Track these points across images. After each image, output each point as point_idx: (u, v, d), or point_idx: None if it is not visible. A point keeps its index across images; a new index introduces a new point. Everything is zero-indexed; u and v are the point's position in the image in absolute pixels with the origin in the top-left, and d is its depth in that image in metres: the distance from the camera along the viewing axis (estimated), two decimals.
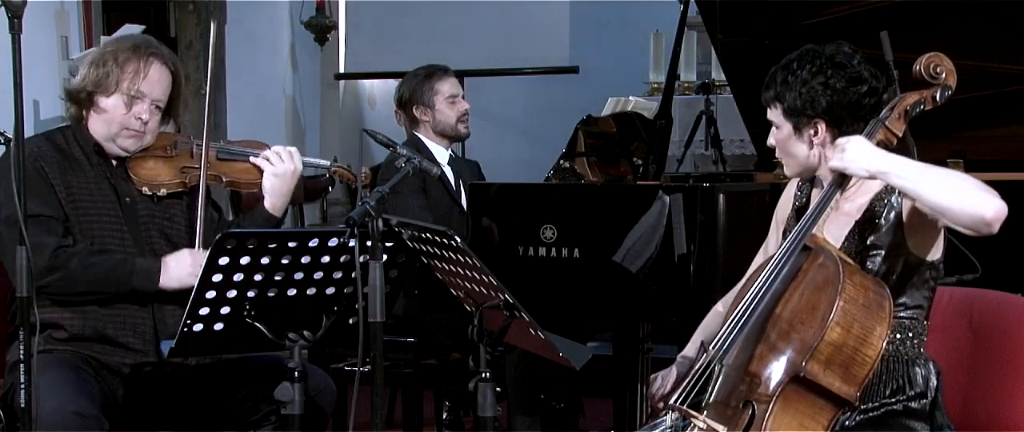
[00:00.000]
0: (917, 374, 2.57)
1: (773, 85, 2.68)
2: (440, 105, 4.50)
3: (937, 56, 2.60)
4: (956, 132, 3.92)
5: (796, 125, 2.65)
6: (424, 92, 4.50)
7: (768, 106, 2.71)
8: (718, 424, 2.46)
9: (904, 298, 2.57)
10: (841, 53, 2.64)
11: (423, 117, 4.51)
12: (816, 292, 2.47)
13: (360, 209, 2.61)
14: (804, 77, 2.62)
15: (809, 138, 2.65)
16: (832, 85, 2.60)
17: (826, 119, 2.62)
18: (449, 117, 4.51)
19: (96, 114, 3.15)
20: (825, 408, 2.45)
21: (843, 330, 2.42)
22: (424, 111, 4.51)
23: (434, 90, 4.49)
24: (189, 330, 2.75)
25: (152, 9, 7.43)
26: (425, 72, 4.55)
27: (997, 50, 3.81)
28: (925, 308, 2.61)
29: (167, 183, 3.20)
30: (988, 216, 2.34)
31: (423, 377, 4.35)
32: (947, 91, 2.60)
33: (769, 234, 2.93)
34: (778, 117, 2.68)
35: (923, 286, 2.59)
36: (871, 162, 2.43)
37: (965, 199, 2.35)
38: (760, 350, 2.49)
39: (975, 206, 2.34)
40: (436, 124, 4.51)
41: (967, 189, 2.36)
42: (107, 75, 3.12)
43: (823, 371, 2.42)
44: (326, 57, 8.49)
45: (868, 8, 3.89)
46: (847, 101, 2.60)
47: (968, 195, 2.35)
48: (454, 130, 4.53)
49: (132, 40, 3.23)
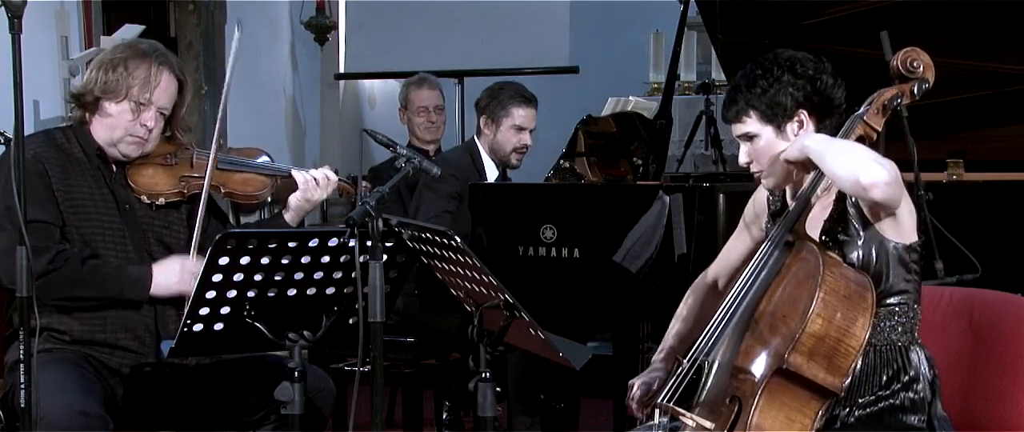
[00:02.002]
0: (912, 359, 2.57)
1: (738, 99, 2.66)
2: (504, 128, 4.57)
3: (914, 50, 2.62)
4: (956, 132, 3.92)
5: (778, 125, 2.64)
6: (497, 109, 4.57)
7: (736, 122, 2.68)
8: (706, 421, 2.47)
9: (887, 284, 2.58)
10: (789, 56, 2.66)
11: (486, 129, 4.61)
12: (798, 285, 2.49)
13: (360, 209, 2.61)
14: (771, 79, 2.63)
15: (793, 133, 2.64)
16: (802, 74, 2.63)
17: (807, 108, 2.63)
18: (507, 142, 4.58)
19: (101, 118, 3.15)
20: (811, 400, 2.46)
21: (825, 321, 2.43)
22: (489, 125, 4.59)
23: (508, 111, 4.56)
24: (189, 330, 2.75)
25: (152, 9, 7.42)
26: (512, 91, 4.61)
27: (997, 50, 3.80)
28: (912, 293, 2.61)
29: (166, 192, 3.20)
30: (864, 180, 2.41)
31: (423, 377, 4.35)
32: (924, 85, 2.63)
33: (740, 227, 2.92)
34: (754, 126, 2.66)
35: (906, 271, 2.59)
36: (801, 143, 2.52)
37: (849, 164, 2.43)
38: (745, 345, 2.51)
39: (855, 170, 2.41)
40: (494, 142, 4.59)
41: (855, 158, 2.44)
42: (117, 82, 3.11)
43: (806, 363, 2.43)
44: (326, 57, 8.49)
45: (868, 8, 3.89)
46: (820, 89, 2.63)
47: (853, 162, 2.43)
48: (506, 157, 4.61)
49: (141, 46, 3.22)
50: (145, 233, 3.18)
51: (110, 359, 3.09)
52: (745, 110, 2.66)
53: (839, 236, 2.59)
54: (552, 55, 7.93)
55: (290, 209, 3.33)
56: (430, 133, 5.23)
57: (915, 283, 2.62)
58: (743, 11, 4.16)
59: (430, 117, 5.22)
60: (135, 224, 3.17)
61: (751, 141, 2.68)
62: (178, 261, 3.11)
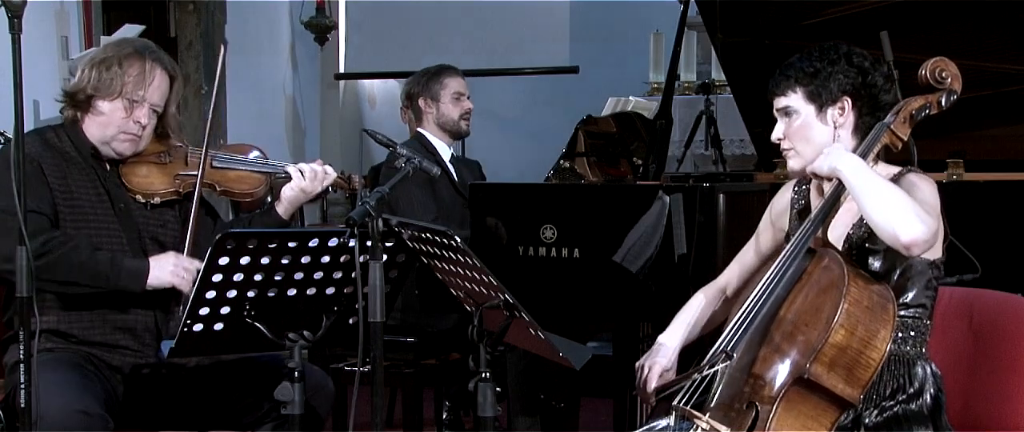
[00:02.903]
0: (916, 373, 2.57)
1: (789, 74, 2.69)
2: (445, 100, 4.66)
3: (942, 61, 2.61)
4: (956, 132, 3.91)
5: (820, 106, 2.66)
6: (432, 86, 4.67)
7: (782, 95, 2.70)
8: (721, 425, 2.46)
9: (905, 297, 2.58)
10: (850, 48, 2.69)
11: (427, 109, 4.67)
12: (820, 294, 2.48)
13: (360, 209, 2.61)
14: (829, 61, 2.66)
15: (833, 119, 2.66)
16: (857, 64, 2.65)
17: (852, 98, 2.65)
18: (452, 112, 4.66)
19: (93, 116, 3.15)
20: (828, 410, 2.45)
21: (847, 332, 2.42)
22: (429, 103, 4.66)
23: (442, 85, 4.66)
24: (189, 330, 2.75)
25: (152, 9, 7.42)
26: (436, 68, 4.74)
27: (997, 50, 3.80)
28: (928, 308, 2.61)
29: (161, 191, 3.20)
30: (904, 239, 2.38)
31: (423, 377, 4.35)
32: (952, 96, 2.63)
33: (759, 232, 2.92)
34: (797, 101, 2.68)
35: (925, 285, 2.60)
36: (834, 161, 2.49)
37: (890, 216, 2.40)
38: (764, 352, 2.49)
39: (895, 225, 2.39)
40: (439, 117, 4.66)
41: (897, 209, 2.40)
42: (111, 80, 3.11)
43: (827, 373, 2.42)
44: (326, 57, 8.49)
45: (868, 8, 3.88)
46: (870, 83, 2.64)
47: (895, 214, 2.39)
48: (456, 126, 4.67)
49: (133, 44, 3.22)
50: (140, 232, 3.18)
51: (111, 358, 3.09)
52: (792, 85, 2.69)
53: (866, 244, 2.58)
54: (552, 55, 7.93)
55: (284, 201, 3.32)
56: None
57: (932, 298, 2.62)
58: (743, 11, 4.15)
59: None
60: (131, 223, 3.17)
61: (789, 117, 2.70)
62: (173, 254, 3.11)
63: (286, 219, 3.33)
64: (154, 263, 3.07)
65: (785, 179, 3.84)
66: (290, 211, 3.34)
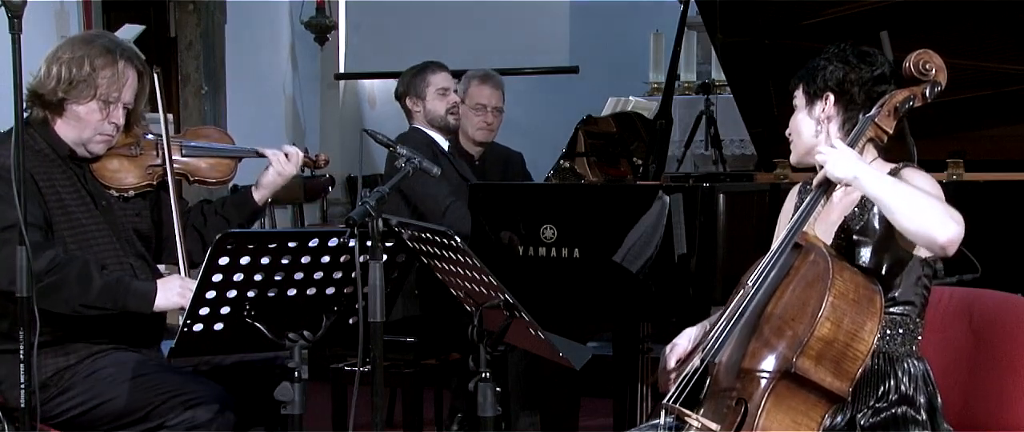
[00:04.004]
0: (907, 372, 2.56)
1: (803, 69, 2.76)
2: (430, 97, 4.73)
3: (926, 53, 2.62)
4: (956, 132, 3.91)
5: (809, 100, 2.72)
6: (417, 84, 4.74)
7: (793, 89, 2.78)
8: (712, 423, 2.46)
9: (894, 293, 2.58)
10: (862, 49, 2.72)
11: (415, 108, 4.75)
12: (807, 288, 2.48)
13: (360, 209, 2.61)
14: (826, 57, 2.71)
15: (817, 114, 2.69)
16: (848, 61, 2.68)
17: (836, 92, 2.67)
18: (438, 108, 4.72)
19: (67, 119, 3.09)
20: (818, 404, 2.45)
21: (833, 325, 2.42)
22: (416, 102, 4.75)
23: (426, 82, 4.74)
24: (189, 330, 2.75)
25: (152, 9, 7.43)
26: (420, 66, 4.81)
27: (997, 50, 3.80)
28: (916, 306, 2.60)
29: (135, 184, 3.21)
30: (941, 240, 2.40)
31: (423, 377, 4.35)
32: (937, 87, 2.63)
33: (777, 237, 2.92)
34: (798, 97, 2.76)
35: (915, 282, 2.59)
36: (850, 169, 2.49)
37: (924, 220, 2.41)
38: (753, 347, 2.50)
39: (931, 228, 2.40)
40: (427, 114, 4.73)
41: (929, 212, 2.42)
42: (83, 81, 3.04)
43: (814, 367, 2.42)
44: (326, 57, 8.50)
45: (868, 8, 3.88)
46: (858, 78, 2.66)
47: (928, 217, 2.41)
48: (443, 120, 4.73)
49: (102, 42, 3.12)
50: (124, 226, 3.18)
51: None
52: (797, 80, 2.76)
53: (855, 236, 2.59)
54: (552, 55, 7.94)
55: (261, 186, 3.35)
56: (482, 135, 4.93)
57: (922, 296, 2.62)
58: (743, 11, 4.15)
59: (487, 117, 4.91)
60: (113, 219, 3.16)
61: (795, 112, 2.76)
62: (177, 277, 3.10)
63: (261, 205, 3.37)
64: (161, 286, 3.03)
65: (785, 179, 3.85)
66: (265, 197, 3.37)
